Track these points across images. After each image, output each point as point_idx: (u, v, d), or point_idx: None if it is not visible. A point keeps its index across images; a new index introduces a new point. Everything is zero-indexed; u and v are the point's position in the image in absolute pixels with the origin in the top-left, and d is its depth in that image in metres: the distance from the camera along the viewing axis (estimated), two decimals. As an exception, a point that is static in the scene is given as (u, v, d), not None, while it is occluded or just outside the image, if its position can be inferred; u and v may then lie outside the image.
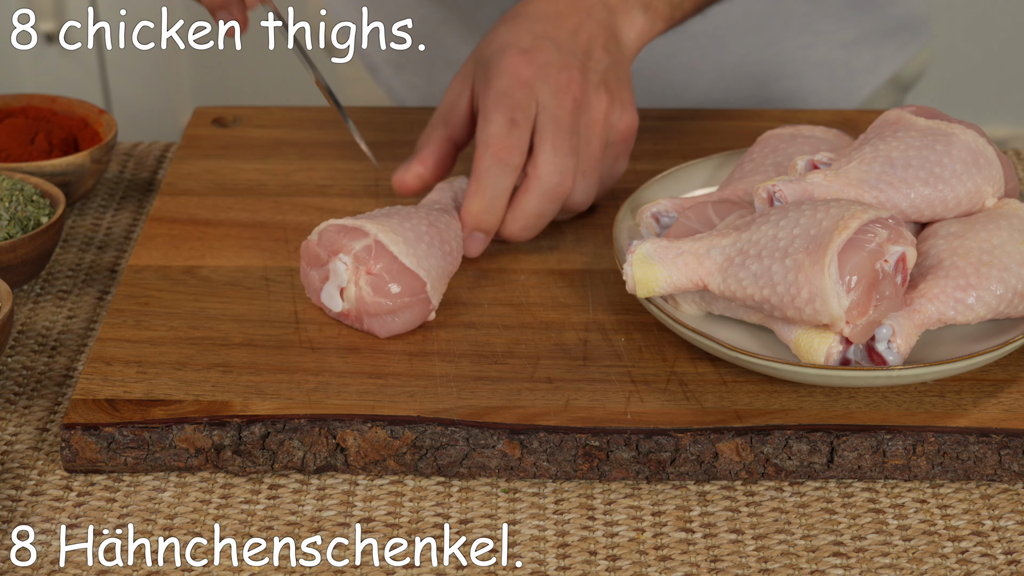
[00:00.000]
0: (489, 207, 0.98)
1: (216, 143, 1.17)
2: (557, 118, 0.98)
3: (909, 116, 0.95)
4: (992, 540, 0.83)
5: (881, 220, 0.86)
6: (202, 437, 0.86)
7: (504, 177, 0.98)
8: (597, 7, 1.03)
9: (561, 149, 0.98)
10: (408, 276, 0.93)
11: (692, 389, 0.89)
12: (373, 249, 0.92)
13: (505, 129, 0.98)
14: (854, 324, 0.86)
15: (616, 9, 1.03)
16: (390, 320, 0.93)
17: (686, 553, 0.82)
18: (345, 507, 0.85)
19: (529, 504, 0.85)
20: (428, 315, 0.94)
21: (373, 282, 0.92)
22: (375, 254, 0.92)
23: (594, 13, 1.02)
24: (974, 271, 0.89)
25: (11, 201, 1.01)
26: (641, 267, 0.90)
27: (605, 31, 1.02)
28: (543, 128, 0.98)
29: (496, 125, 0.98)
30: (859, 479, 0.87)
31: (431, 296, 0.93)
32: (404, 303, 0.93)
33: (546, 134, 0.98)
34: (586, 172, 1.00)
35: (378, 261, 0.92)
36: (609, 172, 1.04)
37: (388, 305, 0.92)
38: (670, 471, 0.86)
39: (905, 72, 1.37)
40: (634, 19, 1.04)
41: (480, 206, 0.98)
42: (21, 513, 0.84)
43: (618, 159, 1.04)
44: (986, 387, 0.89)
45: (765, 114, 1.21)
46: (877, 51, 1.33)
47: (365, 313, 0.93)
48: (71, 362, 0.96)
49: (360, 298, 0.93)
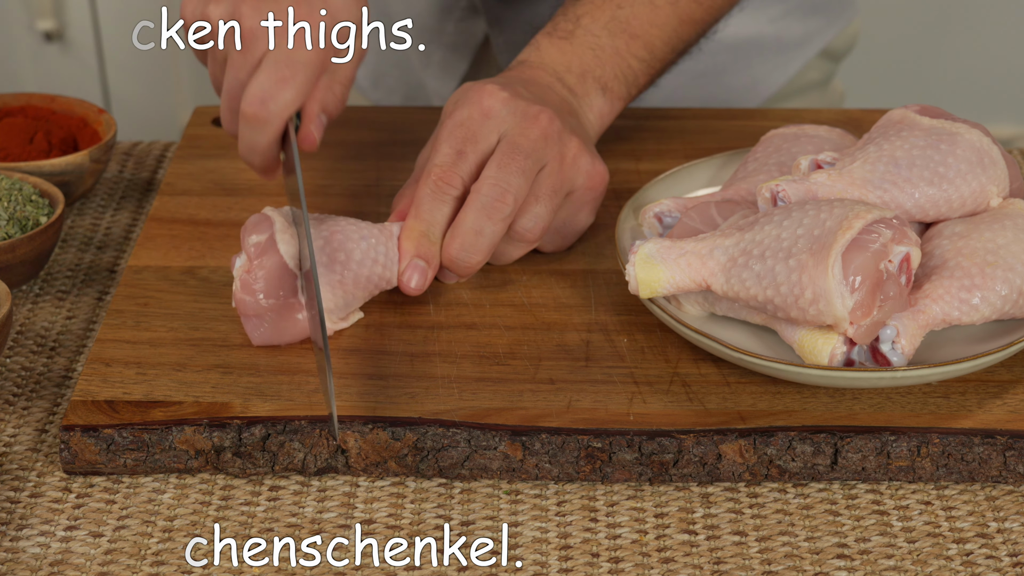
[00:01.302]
0: (427, 232, 0.95)
1: (216, 143, 1.16)
2: (515, 143, 0.96)
3: (913, 115, 0.95)
4: (997, 542, 0.83)
5: (885, 220, 0.86)
6: (202, 439, 0.86)
7: (443, 204, 0.96)
8: (558, 85, 1.03)
9: (508, 167, 0.95)
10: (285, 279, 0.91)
11: (695, 390, 0.89)
12: (263, 245, 0.91)
13: (450, 159, 0.96)
14: (858, 325, 0.85)
15: (575, 91, 1.04)
16: (257, 323, 0.92)
17: (689, 555, 0.81)
18: (346, 509, 0.85)
19: (531, 506, 0.85)
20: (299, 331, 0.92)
21: (244, 279, 0.91)
22: (264, 250, 0.91)
23: (556, 89, 1.03)
24: (979, 271, 0.89)
25: (10, 201, 1.00)
26: (644, 267, 0.90)
27: (568, 106, 1.03)
28: (497, 151, 0.96)
29: (441, 155, 0.96)
30: (863, 481, 0.86)
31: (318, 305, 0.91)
32: (271, 306, 0.91)
33: (496, 155, 0.96)
34: (540, 198, 0.97)
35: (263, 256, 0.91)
36: (572, 219, 1.01)
37: (254, 305, 0.91)
38: (673, 473, 0.86)
39: (835, 44, 1.38)
40: (592, 101, 1.04)
41: (419, 231, 0.95)
42: (20, 515, 0.84)
43: (583, 207, 1.01)
44: (991, 388, 0.89)
45: (769, 113, 1.21)
46: (805, 25, 1.35)
47: (240, 312, 0.92)
48: (70, 363, 0.96)
49: (234, 291, 0.92)
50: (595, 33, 1.05)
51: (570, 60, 1.04)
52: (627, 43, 1.05)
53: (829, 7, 1.36)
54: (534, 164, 0.96)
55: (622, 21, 1.05)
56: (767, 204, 0.93)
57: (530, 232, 0.98)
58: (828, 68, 1.40)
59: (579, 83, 1.04)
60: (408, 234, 0.96)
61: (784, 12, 1.33)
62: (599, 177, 1.00)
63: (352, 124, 1.19)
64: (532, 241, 0.99)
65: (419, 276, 0.95)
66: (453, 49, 1.35)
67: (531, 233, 0.98)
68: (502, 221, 0.95)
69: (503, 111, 0.97)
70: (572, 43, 1.05)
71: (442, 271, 0.98)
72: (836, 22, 1.37)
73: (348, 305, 0.94)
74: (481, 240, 0.95)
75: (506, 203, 0.95)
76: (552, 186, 0.97)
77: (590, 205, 1.01)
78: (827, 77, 1.40)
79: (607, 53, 1.05)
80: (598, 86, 1.04)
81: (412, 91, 1.39)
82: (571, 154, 0.98)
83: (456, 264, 0.96)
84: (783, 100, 1.37)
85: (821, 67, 1.39)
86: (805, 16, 1.34)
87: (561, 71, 1.04)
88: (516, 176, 0.95)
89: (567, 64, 1.04)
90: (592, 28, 1.05)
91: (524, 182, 0.96)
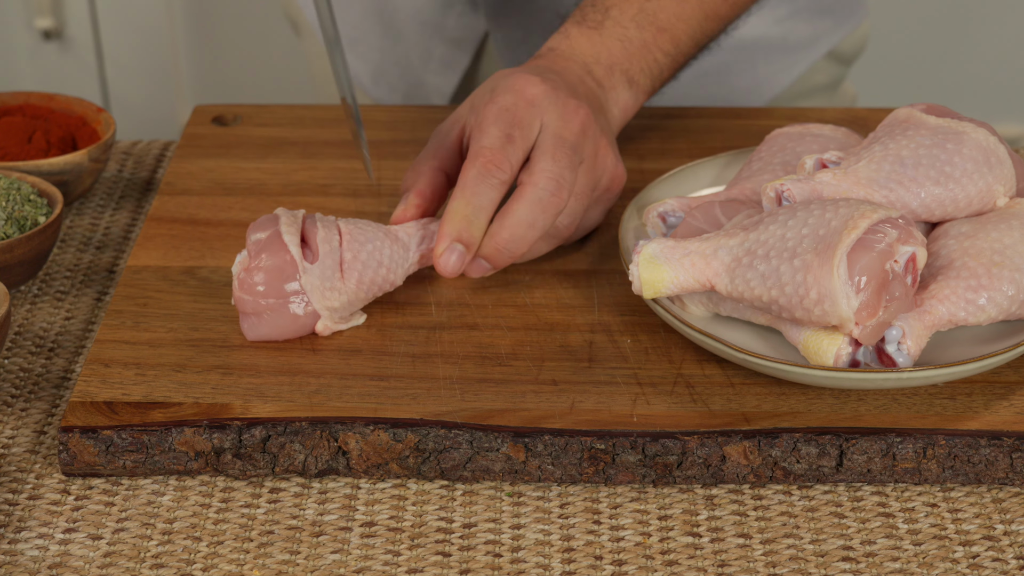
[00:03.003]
0: (472, 217, 0.94)
1: (216, 142, 1.16)
2: (561, 136, 0.96)
3: (919, 114, 0.94)
4: (1004, 544, 0.82)
5: (891, 220, 0.86)
6: (202, 440, 0.86)
7: (491, 189, 0.94)
8: (587, 78, 1.02)
9: (561, 161, 0.95)
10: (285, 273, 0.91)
11: (699, 391, 0.88)
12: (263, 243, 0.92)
13: (500, 142, 0.95)
14: (863, 325, 0.85)
15: (603, 84, 1.03)
16: (256, 322, 0.92)
17: (693, 558, 0.81)
18: (347, 511, 0.84)
19: (534, 508, 0.85)
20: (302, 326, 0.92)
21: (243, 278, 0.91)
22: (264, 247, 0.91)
23: (585, 81, 1.02)
24: (985, 271, 0.88)
25: (8, 200, 1.00)
26: (647, 267, 0.89)
27: (596, 100, 1.02)
28: (544, 142, 0.95)
29: (491, 137, 0.95)
30: (869, 483, 0.86)
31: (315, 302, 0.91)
32: (269, 305, 0.91)
33: (547, 146, 0.95)
34: (579, 196, 0.97)
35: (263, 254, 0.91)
36: (587, 217, 1.01)
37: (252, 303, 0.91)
38: (677, 474, 0.85)
39: (843, 47, 1.37)
40: (619, 95, 1.04)
41: (463, 214, 0.94)
42: (18, 517, 0.84)
43: (598, 206, 1.01)
44: (998, 389, 0.89)
45: (773, 112, 1.21)
46: (813, 26, 1.34)
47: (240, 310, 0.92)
48: (69, 364, 0.96)
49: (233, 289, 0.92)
50: (624, 25, 1.04)
51: (599, 51, 1.03)
52: (655, 36, 1.05)
53: (838, 8, 1.36)
54: (579, 159, 0.96)
55: (650, 14, 1.05)
56: (772, 204, 0.92)
57: (567, 228, 0.98)
58: (836, 71, 1.39)
59: (607, 76, 1.03)
60: (452, 216, 0.94)
61: (792, 12, 1.32)
62: (620, 179, 1.01)
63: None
64: (566, 238, 0.99)
65: (457, 259, 0.94)
66: (454, 45, 1.34)
67: (567, 229, 0.98)
68: (555, 215, 0.95)
69: (546, 101, 0.96)
70: (601, 34, 1.04)
71: (475, 264, 0.96)
72: (845, 24, 1.36)
73: (351, 305, 0.93)
74: (532, 232, 0.94)
75: (561, 198, 0.94)
76: (586, 183, 0.97)
77: (604, 205, 1.01)
78: (835, 80, 1.39)
79: (635, 46, 1.04)
80: (625, 79, 1.03)
81: (412, 89, 1.39)
82: (601, 152, 0.98)
83: (500, 255, 0.95)
84: (788, 103, 1.36)
85: (829, 70, 1.38)
86: (813, 17, 1.33)
87: (590, 62, 1.03)
88: (569, 171, 0.95)
89: (596, 55, 1.03)
90: (621, 20, 1.04)
91: (574, 177, 0.95)
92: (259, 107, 1.21)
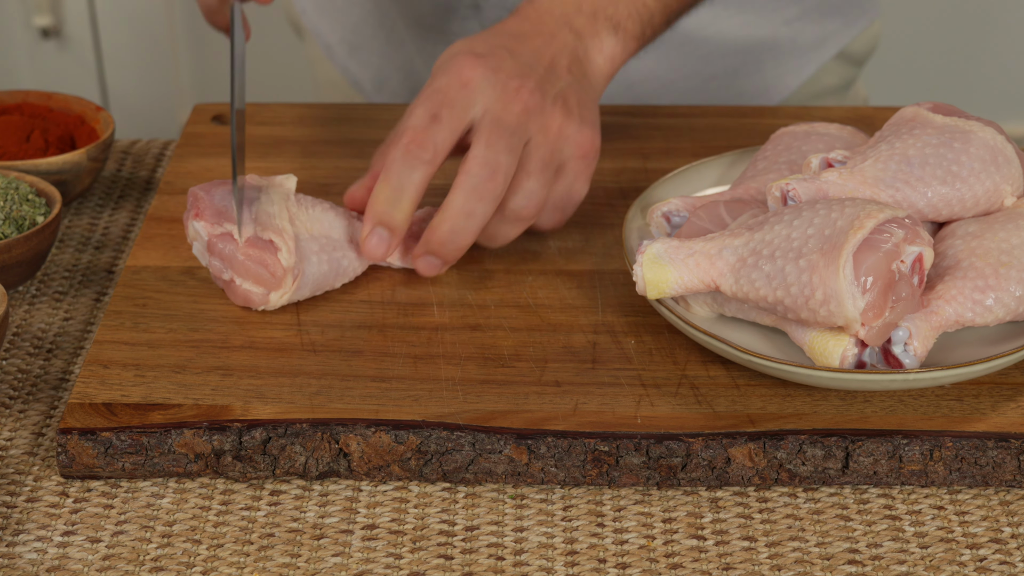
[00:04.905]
0: (394, 199, 0.93)
1: (216, 141, 1.16)
2: (498, 119, 0.94)
3: (926, 113, 0.94)
4: (1011, 547, 0.82)
5: (897, 220, 0.85)
6: (202, 442, 0.85)
7: (412, 170, 0.93)
8: (564, 30, 1.00)
9: (495, 146, 0.93)
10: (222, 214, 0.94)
11: (704, 393, 0.88)
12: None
13: (424, 122, 0.93)
14: (870, 326, 0.85)
15: (583, 33, 1.00)
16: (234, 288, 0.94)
17: (697, 561, 0.81)
18: (348, 514, 0.84)
19: (537, 511, 0.84)
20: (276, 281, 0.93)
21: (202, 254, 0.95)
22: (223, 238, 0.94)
23: (560, 36, 1.00)
24: (992, 272, 0.88)
25: (6, 200, 1.00)
26: (651, 268, 0.89)
27: (569, 55, 0.99)
28: (480, 127, 0.94)
29: (415, 117, 0.94)
30: (875, 485, 0.86)
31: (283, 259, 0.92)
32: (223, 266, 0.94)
33: (482, 131, 0.94)
34: (531, 173, 0.95)
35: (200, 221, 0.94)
36: (567, 192, 0.99)
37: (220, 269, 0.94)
38: (681, 477, 0.85)
39: (854, 47, 1.36)
40: (603, 42, 1.01)
41: (384, 196, 0.93)
42: (16, 520, 0.83)
43: (577, 178, 0.99)
44: (1005, 391, 0.88)
45: (778, 111, 1.21)
46: (822, 27, 1.33)
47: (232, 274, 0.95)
48: (68, 365, 0.95)
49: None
50: None
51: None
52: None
53: (847, 8, 1.34)
54: (519, 140, 0.94)
55: None
56: (777, 203, 0.92)
57: (525, 209, 0.96)
58: (847, 73, 1.38)
59: (589, 23, 1.01)
60: (374, 199, 0.93)
61: (800, 13, 1.31)
62: (588, 144, 0.98)
63: (353, 123, 1.18)
64: (528, 219, 0.97)
65: (378, 243, 0.94)
66: None
67: (526, 210, 0.96)
68: (493, 201, 0.93)
69: (483, 83, 0.95)
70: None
71: (423, 261, 0.96)
72: (855, 24, 1.35)
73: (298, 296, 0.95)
74: (471, 222, 0.93)
75: (496, 182, 0.93)
76: (541, 159, 0.95)
77: (584, 175, 0.99)
78: (846, 82, 1.38)
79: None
80: (610, 25, 1.01)
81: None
82: (556, 125, 0.96)
83: (444, 248, 0.94)
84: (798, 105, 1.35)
85: (839, 71, 1.36)
86: (822, 17, 1.32)
87: (571, 12, 1.01)
88: (504, 154, 0.93)
89: (578, 3, 1.01)
90: None
91: (512, 160, 0.94)
92: (260, 106, 1.21)
